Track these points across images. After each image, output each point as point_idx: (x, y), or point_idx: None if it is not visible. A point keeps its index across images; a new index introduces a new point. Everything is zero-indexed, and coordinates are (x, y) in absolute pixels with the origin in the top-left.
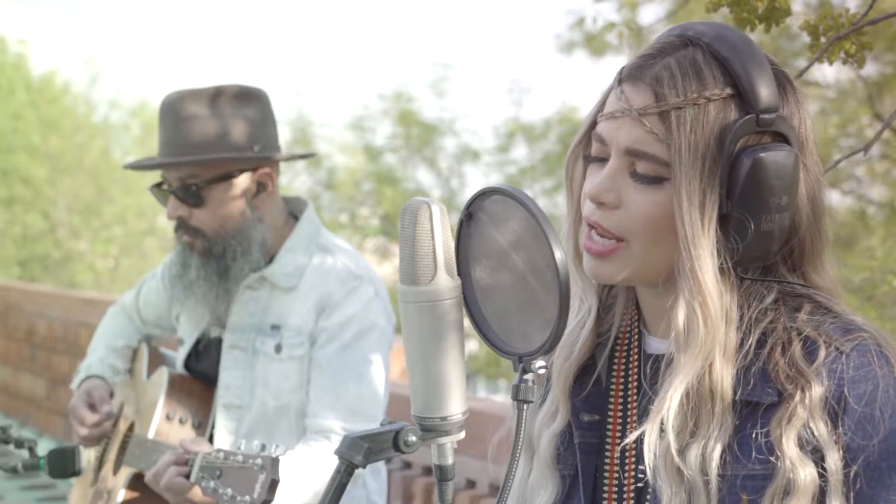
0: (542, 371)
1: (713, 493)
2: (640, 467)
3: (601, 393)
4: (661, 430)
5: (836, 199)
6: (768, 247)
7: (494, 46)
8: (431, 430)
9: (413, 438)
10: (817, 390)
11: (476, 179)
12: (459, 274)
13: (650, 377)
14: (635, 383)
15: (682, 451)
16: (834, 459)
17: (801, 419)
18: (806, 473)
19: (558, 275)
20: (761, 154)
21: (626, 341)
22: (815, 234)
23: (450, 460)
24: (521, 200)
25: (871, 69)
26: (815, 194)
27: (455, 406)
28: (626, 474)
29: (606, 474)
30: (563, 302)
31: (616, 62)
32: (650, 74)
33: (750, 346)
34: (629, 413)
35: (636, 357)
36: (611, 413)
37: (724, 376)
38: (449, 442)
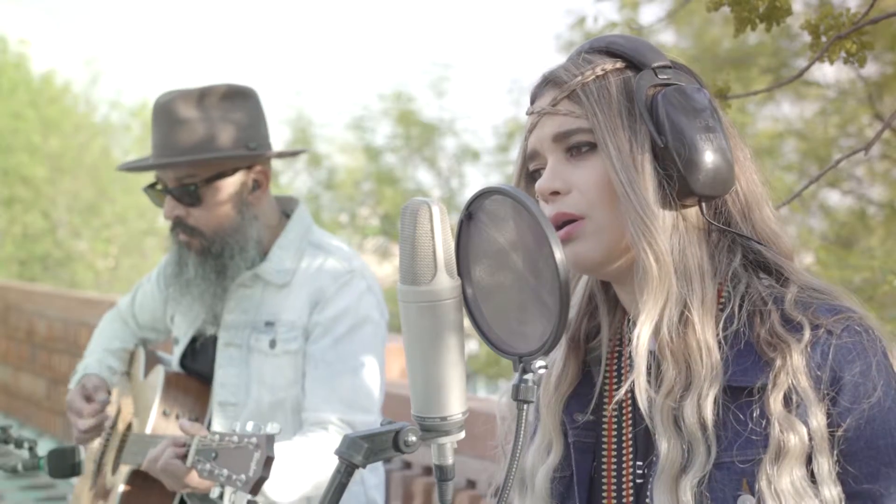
0: (542, 371)
1: (712, 458)
2: (639, 463)
3: (594, 393)
4: (649, 378)
5: (836, 199)
6: (717, 168)
7: (494, 46)
8: (431, 430)
9: (413, 438)
10: (798, 357)
11: (476, 179)
12: (459, 274)
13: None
14: (629, 378)
15: (679, 404)
16: (818, 418)
17: (786, 383)
18: (794, 435)
19: (558, 275)
20: (672, 87)
21: (618, 342)
22: (754, 182)
23: (450, 460)
24: (521, 200)
25: (871, 69)
26: (739, 142)
27: (455, 406)
28: (624, 472)
29: (605, 473)
30: (563, 302)
31: None
32: (549, 80)
33: (734, 312)
34: (624, 409)
35: (628, 353)
36: (605, 412)
37: (707, 328)
38: (449, 442)
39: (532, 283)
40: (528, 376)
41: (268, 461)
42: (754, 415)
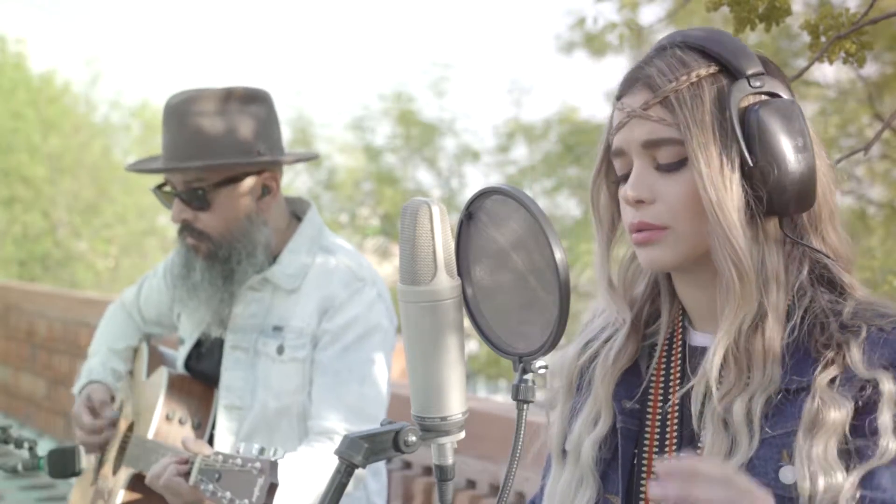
0: (542, 371)
1: (754, 444)
2: (682, 454)
3: (642, 382)
4: (707, 385)
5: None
6: (803, 188)
7: (494, 46)
8: (431, 430)
9: (413, 438)
10: (856, 351)
11: (476, 179)
12: (459, 274)
13: (694, 369)
14: (678, 374)
15: (729, 404)
16: (890, 384)
17: (839, 368)
18: (835, 410)
19: (558, 275)
20: (766, 105)
21: (669, 335)
22: (829, 192)
23: (450, 460)
24: (521, 200)
25: (871, 69)
26: (821, 152)
27: (455, 406)
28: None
29: (645, 460)
30: (563, 302)
31: (616, 62)
32: (641, 78)
33: (796, 322)
34: (670, 402)
35: (679, 350)
36: (650, 402)
37: (776, 336)
38: (449, 442)
39: (532, 284)
40: (528, 376)
41: (271, 488)
42: (799, 397)
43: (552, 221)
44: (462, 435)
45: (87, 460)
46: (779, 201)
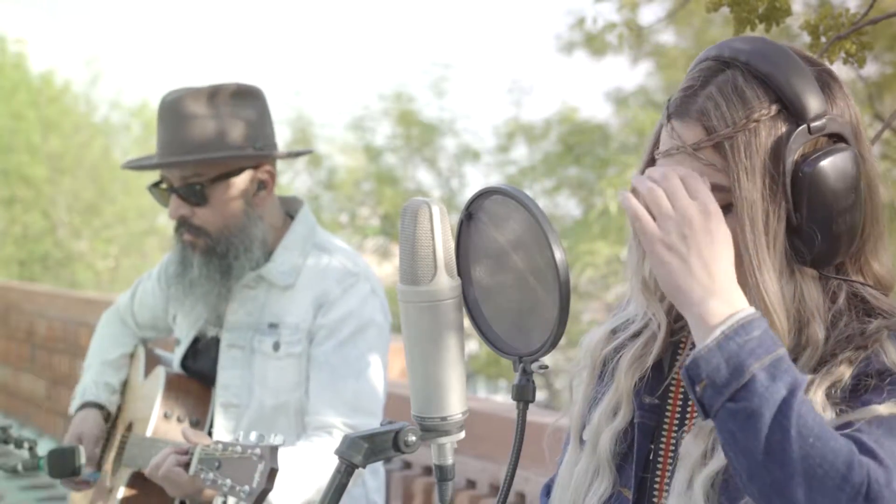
0: (542, 371)
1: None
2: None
3: (663, 379)
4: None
5: None
6: (847, 243)
7: (494, 46)
8: (431, 430)
9: (413, 438)
10: (889, 345)
11: (476, 179)
12: (459, 274)
13: None
14: None
15: None
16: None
17: (838, 375)
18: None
19: (558, 275)
20: (820, 163)
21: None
22: (875, 221)
23: (450, 460)
24: (521, 200)
25: (871, 69)
26: (872, 182)
27: (455, 406)
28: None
29: (661, 457)
30: (563, 302)
31: (616, 62)
32: (696, 108)
33: (825, 348)
34: (690, 401)
35: None
36: (671, 399)
37: (806, 366)
38: (449, 442)
39: (532, 284)
40: (528, 376)
41: (271, 473)
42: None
43: (552, 221)
44: (462, 435)
45: (86, 460)
46: (819, 262)
